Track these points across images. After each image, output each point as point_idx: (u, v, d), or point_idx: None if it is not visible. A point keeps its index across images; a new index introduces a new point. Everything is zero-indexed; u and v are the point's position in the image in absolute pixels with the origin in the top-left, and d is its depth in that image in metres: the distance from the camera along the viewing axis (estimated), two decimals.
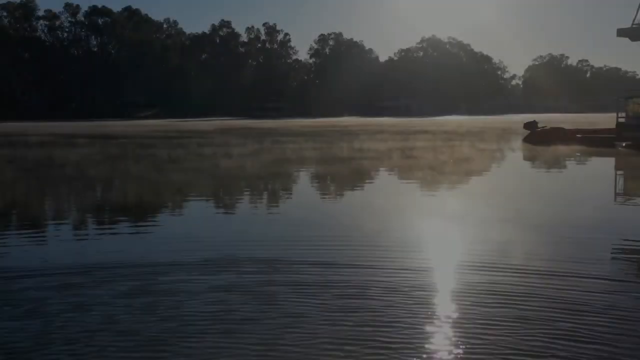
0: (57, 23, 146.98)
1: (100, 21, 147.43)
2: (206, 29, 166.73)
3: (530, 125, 37.69)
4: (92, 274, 8.07)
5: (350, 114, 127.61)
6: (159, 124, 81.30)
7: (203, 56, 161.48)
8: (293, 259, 8.68)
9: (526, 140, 36.01)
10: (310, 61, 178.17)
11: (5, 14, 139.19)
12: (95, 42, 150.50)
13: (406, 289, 7.18)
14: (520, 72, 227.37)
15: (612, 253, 9.39)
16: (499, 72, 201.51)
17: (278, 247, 9.67)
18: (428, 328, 5.90)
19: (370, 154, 29.28)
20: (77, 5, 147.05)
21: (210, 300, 6.83)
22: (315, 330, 5.87)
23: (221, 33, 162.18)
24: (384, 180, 20.32)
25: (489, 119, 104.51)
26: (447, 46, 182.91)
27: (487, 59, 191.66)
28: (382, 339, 5.58)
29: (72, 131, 60.01)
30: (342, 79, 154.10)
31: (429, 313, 6.33)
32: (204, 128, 67.79)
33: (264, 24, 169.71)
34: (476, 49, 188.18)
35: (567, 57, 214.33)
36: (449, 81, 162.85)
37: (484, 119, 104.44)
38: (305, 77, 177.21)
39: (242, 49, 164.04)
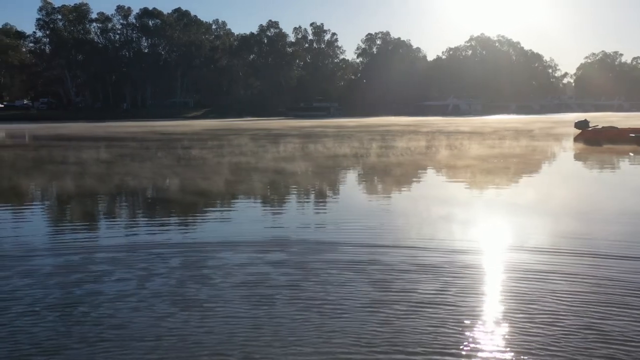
0: (109, 25, 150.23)
1: (150, 23, 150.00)
2: (254, 29, 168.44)
3: (581, 125, 36.83)
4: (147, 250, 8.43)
5: (398, 114, 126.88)
6: (223, 124, 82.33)
7: (251, 56, 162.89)
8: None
9: (577, 139, 35.24)
10: (358, 61, 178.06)
11: (60, 17, 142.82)
12: (145, 44, 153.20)
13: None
14: (572, 70, 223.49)
15: None
16: (550, 71, 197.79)
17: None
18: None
19: (423, 150, 29.32)
20: (129, 8, 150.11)
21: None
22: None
23: (269, 33, 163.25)
24: (432, 177, 20.32)
25: (539, 118, 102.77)
26: (497, 44, 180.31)
27: (538, 57, 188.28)
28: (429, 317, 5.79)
29: (156, 129, 61.18)
30: (390, 79, 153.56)
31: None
32: (272, 126, 68.36)
33: (311, 24, 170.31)
34: (526, 47, 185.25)
35: (621, 55, 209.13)
36: (499, 80, 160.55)
37: (534, 118, 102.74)
38: (353, 77, 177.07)
39: (289, 49, 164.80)
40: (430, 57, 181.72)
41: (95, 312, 6.15)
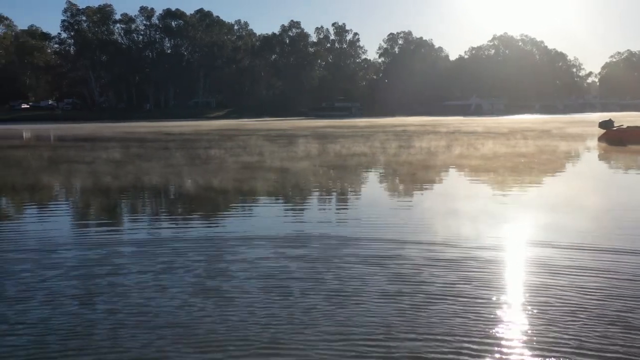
0: (133, 26, 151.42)
1: (173, 24, 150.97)
2: (276, 29, 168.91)
3: (605, 124, 36.42)
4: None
5: (419, 114, 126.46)
6: (238, 123, 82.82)
7: (273, 57, 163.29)
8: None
9: (601, 139, 34.88)
10: (379, 60, 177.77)
11: (84, 18, 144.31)
12: (168, 44, 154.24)
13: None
14: (596, 69, 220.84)
15: None
16: (574, 70, 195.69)
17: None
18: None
19: (450, 151, 29.24)
20: (152, 9, 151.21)
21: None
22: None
23: (291, 33, 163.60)
24: (455, 178, 20.32)
25: (563, 117, 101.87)
26: (520, 43, 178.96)
27: (562, 56, 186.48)
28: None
29: (183, 129, 61.71)
30: (411, 78, 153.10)
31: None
32: (285, 126, 68.58)
33: (333, 24, 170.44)
34: (550, 46, 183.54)
35: None
36: (522, 79, 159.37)
37: (558, 117, 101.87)
38: (374, 77, 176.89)
39: (311, 49, 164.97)
40: (453, 57, 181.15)
41: (121, 301, 6.30)
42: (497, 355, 4.90)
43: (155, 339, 5.27)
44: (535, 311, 5.81)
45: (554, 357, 4.84)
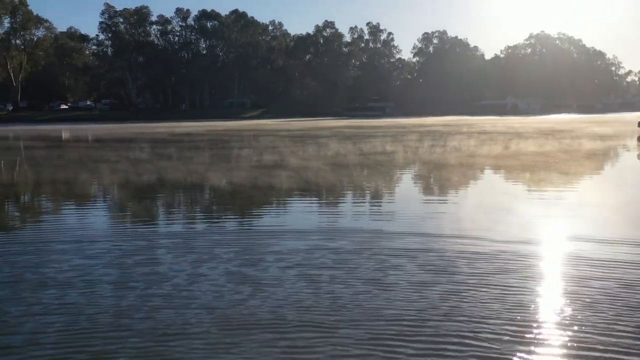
0: (169, 27, 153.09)
1: (209, 25, 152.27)
2: (310, 29, 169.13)
3: None
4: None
5: (454, 113, 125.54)
6: (278, 124, 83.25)
7: (307, 57, 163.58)
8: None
9: None
10: (414, 60, 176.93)
11: (121, 20, 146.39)
12: (204, 45, 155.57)
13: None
14: (636, 67, 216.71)
15: None
16: (613, 69, 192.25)
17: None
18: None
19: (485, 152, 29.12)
20: (188, 10, 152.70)
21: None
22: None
23: (325, 34, 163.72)
24: (490, 177, 20.24)
25: (601, 117, 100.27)
26: (557, 42, 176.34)
27: (600, 54, 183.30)
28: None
29: (244, 127, 62.45)
30: (446, 78, 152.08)
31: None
32: (308, 127, 68.82)
33: (367, 24, 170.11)
34: (588, 45, 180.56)
35: None
36: (559, 78, 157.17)
37: (595, 117, 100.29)
38: (409, 76, 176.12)
39: (345, 49, 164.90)
40: (488, 56, 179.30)
41: (159, 287, 6.50)
42: (533, 338, 4.95)
43: (195, 321, 5.45)
44: (572, 301, 5.83)
45: (588, 341, 4.86)
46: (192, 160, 25.03)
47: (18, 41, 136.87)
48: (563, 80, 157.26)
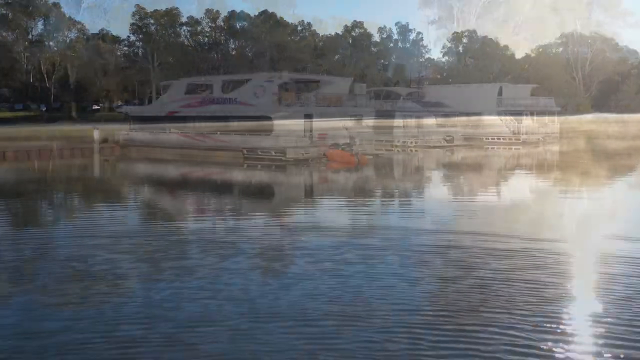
0: (199, 28, 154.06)
1: (238, 25, 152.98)
2: (339, 30, 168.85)
3: None
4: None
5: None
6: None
7: (336, 57, 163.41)
8: None
9: None
10: (444, 60, 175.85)
11: (152, 21, 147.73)
12: (233, 46, 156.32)
13: None
14: None
15: None
16: None
17: None
18: None
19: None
20: (217, 11, 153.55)
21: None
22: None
23: (354, 34, 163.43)
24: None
25: (627, 117, 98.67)
26: (589, 41, 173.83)
27: (634, 53, 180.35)
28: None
29: None
30: (476, 78, 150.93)
31: None
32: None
33: (396, 24, 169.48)
34: (621, 44, 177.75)
35: None
36: (591, 77, 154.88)
37: (611, 116, 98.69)
38: (439, 76, 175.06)
39: (374, 49, 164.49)
40: (519, 55, 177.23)
41: (199, 280, 6.59)
42: (555, 329, 4.92)
43: (221, 311, 5.50)
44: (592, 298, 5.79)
45: (615, 331, 4.83)
46: None
47: (51, 43, 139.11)
48: (595, 79, 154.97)
